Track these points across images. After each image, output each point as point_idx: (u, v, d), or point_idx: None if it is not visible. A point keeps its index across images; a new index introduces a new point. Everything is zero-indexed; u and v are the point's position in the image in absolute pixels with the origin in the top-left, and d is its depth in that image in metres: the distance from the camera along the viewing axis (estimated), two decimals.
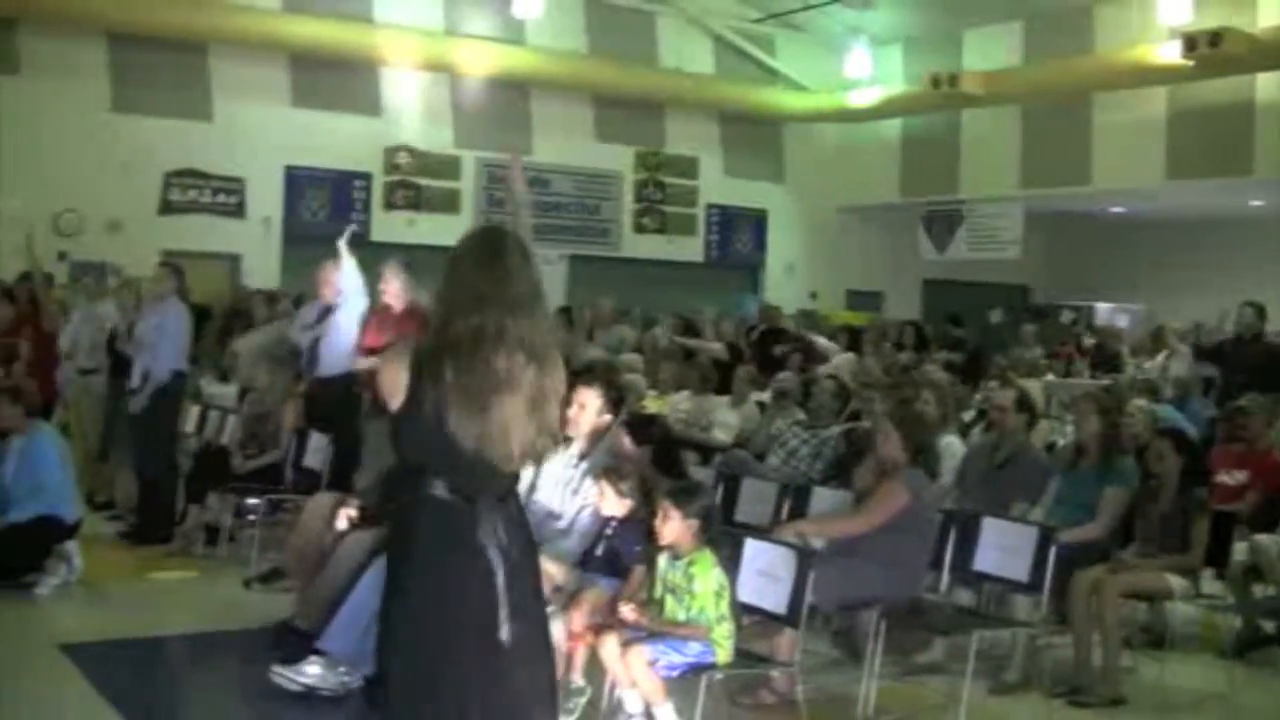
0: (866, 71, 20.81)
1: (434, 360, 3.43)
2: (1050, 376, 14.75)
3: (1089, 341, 17.84)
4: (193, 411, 10.62)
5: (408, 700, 3.49)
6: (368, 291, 9.25)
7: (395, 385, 3.48)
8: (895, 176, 21.50)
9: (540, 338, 3.49)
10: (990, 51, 19.32)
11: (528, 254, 3.61)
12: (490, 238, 3.65)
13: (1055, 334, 18.77)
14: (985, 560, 6.66)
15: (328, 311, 9.49)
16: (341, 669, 6.04)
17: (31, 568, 8.06)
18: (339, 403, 9.02)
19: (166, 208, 17.04)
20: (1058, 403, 13.07)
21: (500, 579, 3.45)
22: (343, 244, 9.46)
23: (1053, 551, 6.37)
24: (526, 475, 5.98)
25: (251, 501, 9.22)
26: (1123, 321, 21.98)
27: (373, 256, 9.23)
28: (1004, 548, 6.58)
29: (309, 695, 6.04)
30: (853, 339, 14.99)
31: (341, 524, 6.77)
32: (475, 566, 3.44)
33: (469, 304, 3.46)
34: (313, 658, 6.12)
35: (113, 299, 11.38)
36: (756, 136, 21.87)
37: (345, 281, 9.37)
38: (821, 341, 14.51)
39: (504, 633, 3.45)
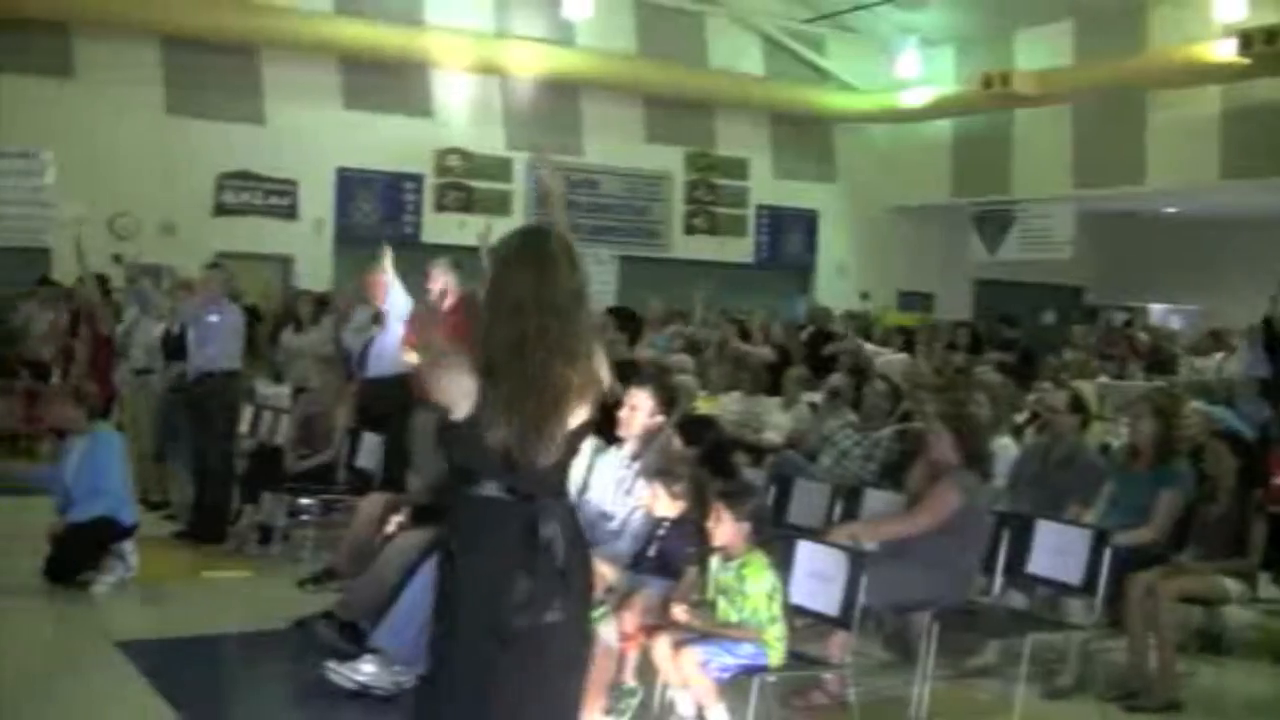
0: (917, 72, 20.76)
1: (486, 367, 3.42)
2: (1104, 378, 14.63)
3: (1143, 336, 17.68)
4: (247, 412, 10.69)
5: (461, 699, 3.47)
6: (412, 301, 9.30)
7: (459, 393, 3.43)
8: (946, 177, 21.42)
9: (579, 340, 3.47)
10: (1042, 51, 19.19)
11: (573, 254, 3.56)
12: (533, 240, 3.60)
13: (1104, 334, 18.60)
14: (1039, 563, 6.61)
15: (377, 317, 9.59)
16: (396, 667, 6.05)
17: (88, 566, 8.15)
18: (391, 402, 9.07)
19: (220, 210, 17.20)
20: (1111, 405, 12.95)
21: (556, 575, 3.43)
22: (387, 262, 9.51)
23: (1107, 554, 6.31)
24: (577, 476, 6.02)
25: (305, 501, 9.31)
26: (1176, 323, 21.78)
27: (424, 258, 9.23)
28: (1057, 550, 6.52)
29: (363, 693, 6.08)
30: (907, 341, 14.92)
31: (391, 529, 6.83)
32: (534, 563, 3.41)
33: (511, 308, 3.44)
34: (367, 656, 6.15)
35: (168, 300, 11.45)
36: (807, 137, 21.81)
37: (392, 296, 9.47)
38: (869, 348, 14.47)
39: (558, 623, 3.44)
